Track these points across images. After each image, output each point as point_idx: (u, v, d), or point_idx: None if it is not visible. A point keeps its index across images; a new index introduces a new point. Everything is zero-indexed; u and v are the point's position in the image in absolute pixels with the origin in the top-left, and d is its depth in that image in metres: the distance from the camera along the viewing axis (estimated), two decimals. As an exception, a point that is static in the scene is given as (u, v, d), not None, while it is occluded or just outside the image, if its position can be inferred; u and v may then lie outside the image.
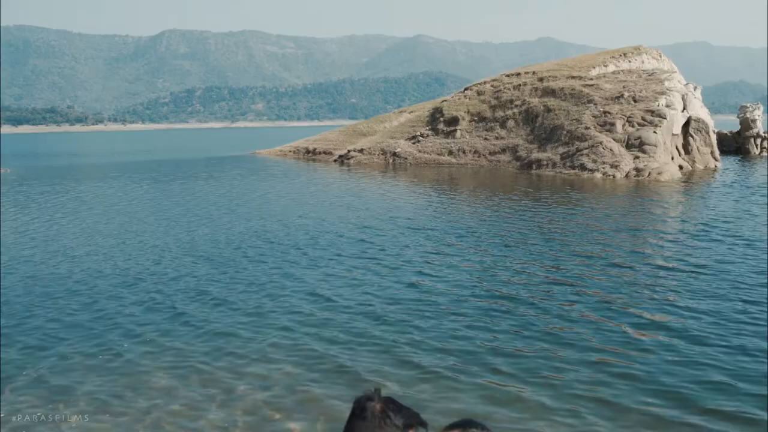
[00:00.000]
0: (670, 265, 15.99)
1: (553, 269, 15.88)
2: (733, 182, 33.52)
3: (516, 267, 16.30)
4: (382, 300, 13.67)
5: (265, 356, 10.66)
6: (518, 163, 42.19)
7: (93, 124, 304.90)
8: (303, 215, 25.65)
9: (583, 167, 37.59)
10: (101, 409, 8.90)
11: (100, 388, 9.58)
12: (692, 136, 41.98)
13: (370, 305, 13.30)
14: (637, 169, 36.06)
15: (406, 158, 48.86)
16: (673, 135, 40.40)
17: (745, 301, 12.82)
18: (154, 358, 10.73)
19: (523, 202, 27.60)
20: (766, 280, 14.27)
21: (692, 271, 15.28)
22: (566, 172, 38.05)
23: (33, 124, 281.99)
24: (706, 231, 20.14)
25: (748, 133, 51.50)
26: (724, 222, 21.61)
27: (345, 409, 8.46)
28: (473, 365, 9.99)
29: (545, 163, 40.11)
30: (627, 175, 35.90)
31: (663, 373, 9.47)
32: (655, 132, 38.25)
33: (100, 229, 23.29)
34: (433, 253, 18.18)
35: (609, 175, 36.12)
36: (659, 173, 35.33)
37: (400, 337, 11.31)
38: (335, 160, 53.30)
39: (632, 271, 15.46)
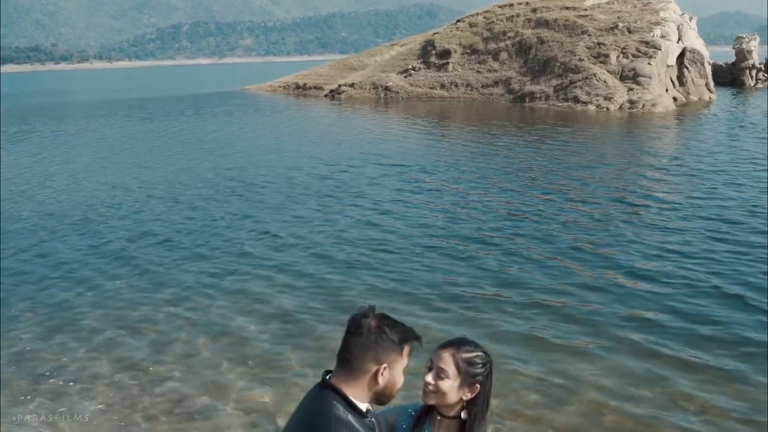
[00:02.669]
0: (646, 202, 15.51)
1: (527, 207, 15.34)
2: (726, 115, 33.25)
3: (487, 204, 15.78)
4: (337, 240, 13.22)
5: (201, 298, 10.34)
6: (511, 96, 41.67)
7: (78, 63, 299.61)
8: (278, 152, 25.25)
9: (576, 99, 37.17)
10: (29, 349, 8.74)
11: (31, 328, 9.39)
12: (687, 68, 41.45)
13: (324, 246, 12.84)
14: (631, 101, 35.68)
15: (397, 92, 48.18)
16: (668, 66, 39.86)
17: (714, 239, 12.42)
18: (88, 298, 10.50)
19: (511, 136, 27.18)
20: (741, 217, 13.87)
21: (670, 207, 14.89)
22: (559, 104, 37.64)
23: (17, 63, 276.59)
24: (691, 165, 19.75)
25: (743, 65, 50.84)
26: (709, 155, 21.27)
27: (278, 352, 8.40)
28: (416, 307, 9.53)
29: (538, 95, 39.62)
30: (621, 108, 35.54)
31: (616, 317, 9.06)
32: (649, 63, 37.71)
33: (68, 169, 22.91)
34: (403, 190, 17.64)
35: (603, 108, 35.73)
36: (653, 105, 34.99)
37: (349, 278, 10.98)
38: (326, 95, 52.56)
39: (605, 208, 15.02)
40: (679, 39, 41.28)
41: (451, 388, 2.70)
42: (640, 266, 11.02)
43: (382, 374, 2.49)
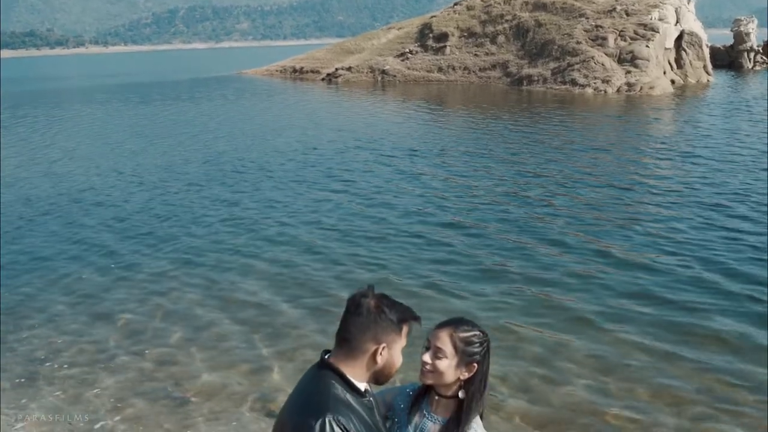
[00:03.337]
0: (638, 187, 15.38)
1: (516, 192, 15.23)
2: (723, 98, 33.14)
3: (477, 190, 15.62)
4: (320, 226, 13.11)
5: (176, 284, 10.27)
6: (508, 80, 41.54)
7: (74, 47, 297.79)
8: (269, 136, 25.15)
9: (574, 82, 37.06)
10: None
11: (3, 315, 9.35)
12: (685, 50, 41.28)
13: (306, 232, 12.76)
14: (629, 84, 35.58)
15: (394, 76, 48.00)
16: (666, 49, 39.72)
17: (704, 224, 12.29)
18: (61, 284, 10.51)
19: (506, 120, 27.02)
20: (733, 202, 13.74)
21: (660, 192, 14.78)
22: (557, 87, 37.53)
23: (12, 49, 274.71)
24: (684, 149, 19.62)
25: (741, 47, 50.65)
26: (703, 139, 21.15)
27: (254, 339, 8.34)
28: (399, 293, 9.14)
29: (536, 78, 39.49)
30: (618, 90, 35.44)
31: (600, 303, 8.94)
32: (647, 46, 37.59)
33: (54, 155, 22.90)
34: (392, 176, 17.50)
35: (600, 91, 35.64)
36: (651, 88, 34.90)
37: (329, 265, 10.87)
38: (323, 79, 52.36)
39: (595, 192, 14.89)
40: (677, 21, 41.11)
41: (449, 367, 2.70)
42: (627, 252, 10.91)
43: (380, 354, 2.50)
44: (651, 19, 39.28)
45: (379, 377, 2.56)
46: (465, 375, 2.73)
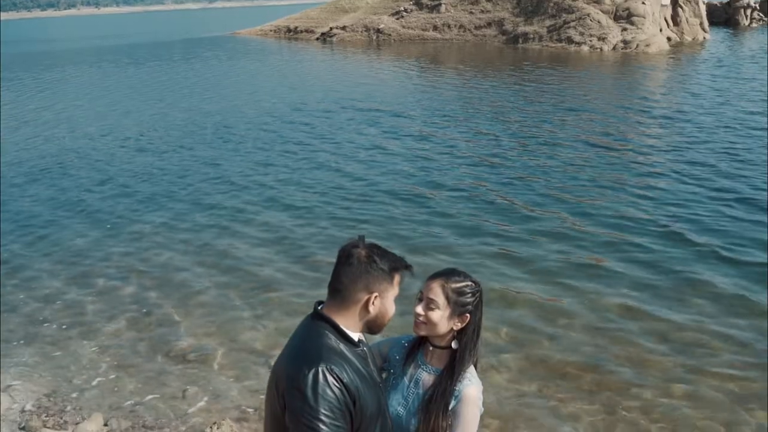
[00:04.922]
0: (625, 146, 15.26)
1: (503, 152, 15.07)
2: (719, 55, 32.92)
3: (463, 150, 15.53)
4: (302, 188, 13.05)
5: (155, 247, 10.26)
6: (504, 38, 41.17)
7: (65, 9, 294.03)
8: (258, 97, 24.98)
9: (570, 40, 36.78)
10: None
11: None
12: (681, 7, 40.92)
13: (287, 194, 12.71)
14: (625, 42, 35.34)
15: (389, 34, 47.52)
16: (662, 6, 39.35)
17: (689, 184, 12.22)
18: (40, 247, 10.54)
19: (498, 79, 26.81)
20: (720, 161, 13.67)
21: (648, 151, 14.71)
22: (553, 45, 37.25)
23: (3, 11, 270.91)
24: (675, 108, 19.46)
25: (738, 4, 50.18)
26: (695, 98, 20.98)
27: (230, 299, 8.39)
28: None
29: (532, 36, 39.16)
30: (614, 48, 35.22)
31: (582, 266, 8.89)
32: (643, 3, 37.20)
33: (40, 117, 22.82)
34: (379, 136, 17.37)
35: (596, 48, 35.41)
36: (647, 45, 34.67)
37: (308, 228, 10.83)
38: (317, 39, 51.85)
39: (582, 152, 14.74)
40: (674, -23, 40.67)
41: (441, 318, 2.71)
42: (611, 213, 10.86)
43: (373, 303, 2.50)
44: (648, -25, 38.83)
45: (372, 327, 2.56)
46: (458, 325, 2.74)
